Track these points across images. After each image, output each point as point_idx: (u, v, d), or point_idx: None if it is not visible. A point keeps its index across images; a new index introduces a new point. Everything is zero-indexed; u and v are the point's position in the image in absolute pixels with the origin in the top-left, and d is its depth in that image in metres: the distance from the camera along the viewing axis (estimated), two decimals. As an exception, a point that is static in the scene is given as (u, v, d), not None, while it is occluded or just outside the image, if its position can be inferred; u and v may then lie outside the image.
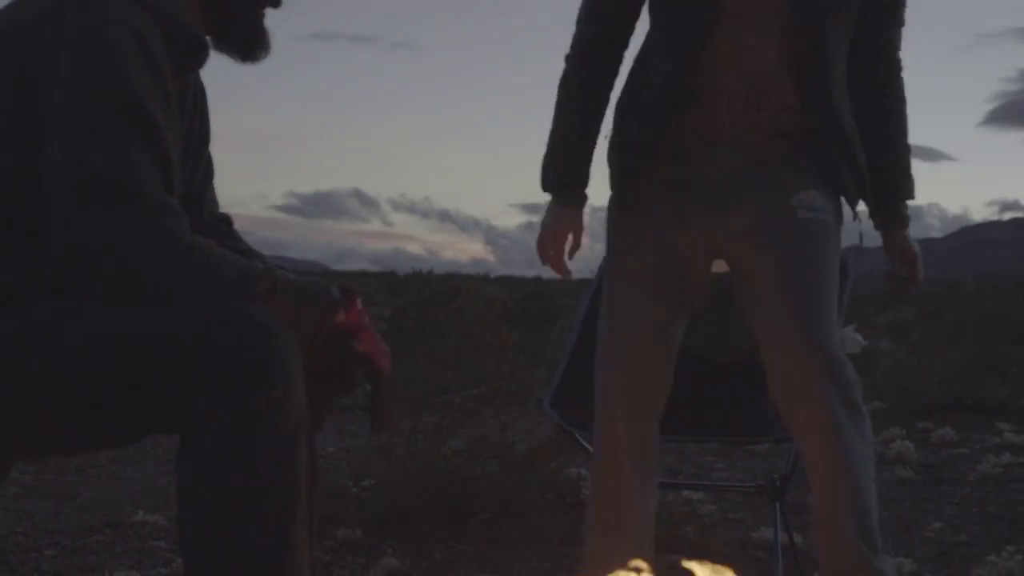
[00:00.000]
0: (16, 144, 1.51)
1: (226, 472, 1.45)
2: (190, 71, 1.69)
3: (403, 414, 3.42)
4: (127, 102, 1.49)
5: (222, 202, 1.88)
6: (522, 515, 3.29)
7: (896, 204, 2.21)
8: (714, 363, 2.08)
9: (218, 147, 1.85)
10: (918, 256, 2.22)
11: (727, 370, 2.67)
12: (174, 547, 3.03)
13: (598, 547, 2.15)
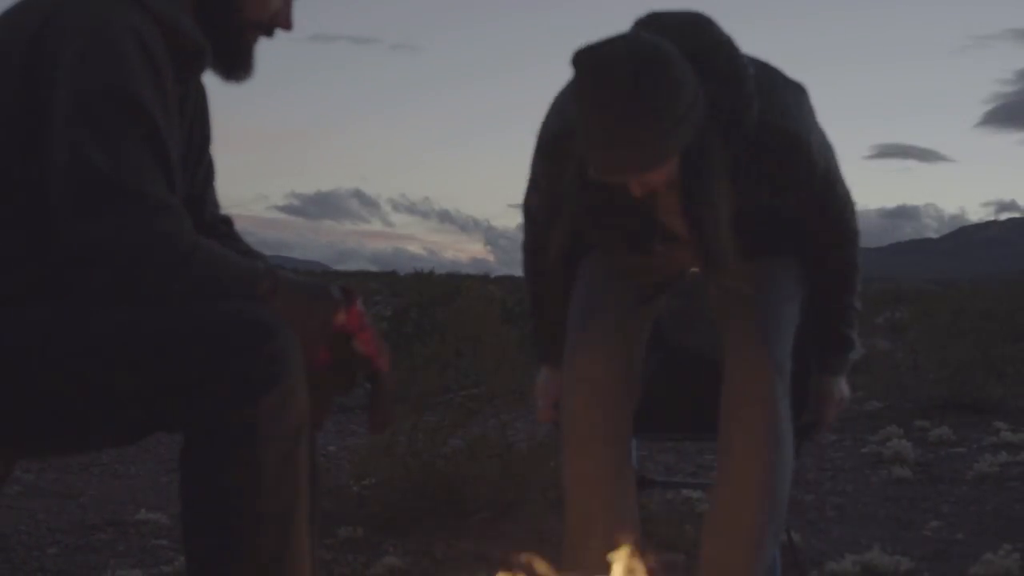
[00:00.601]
0: (18, 145, 1.51)
1: (228, 471, 1.46)
2: (191, 75, 1.68)
3: (403, 414, 3.43)
4: (128, 103, 1.49)
5: (223, 203, 1.88)
6: (522, 515, 3.30)
7: (838, 356, 2.21)
8: (714, 363, 2.09)
9: (219, 148, 1.85)
10: (839, 402, 2.22)
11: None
12: (176, 545, 3.04)
13: (574, 535, 2.08)
